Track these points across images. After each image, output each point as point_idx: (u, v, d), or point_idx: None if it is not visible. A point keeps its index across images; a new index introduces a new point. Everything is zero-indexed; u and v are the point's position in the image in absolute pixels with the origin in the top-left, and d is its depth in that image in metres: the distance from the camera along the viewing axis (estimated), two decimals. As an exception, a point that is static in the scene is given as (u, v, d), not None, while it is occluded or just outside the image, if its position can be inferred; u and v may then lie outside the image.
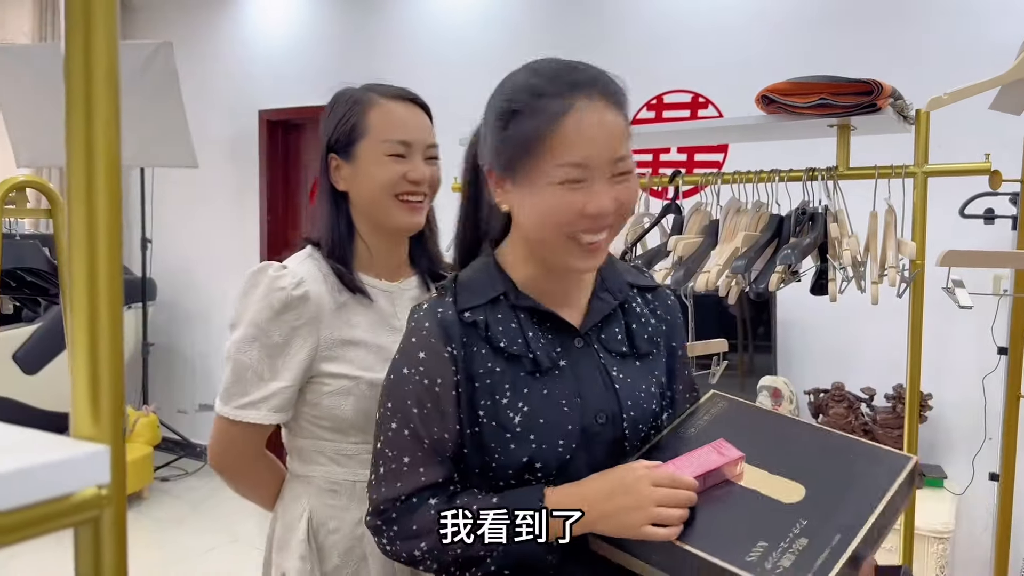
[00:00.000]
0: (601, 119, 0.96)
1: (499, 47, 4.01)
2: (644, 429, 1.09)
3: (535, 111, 0.96)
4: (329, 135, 1.35)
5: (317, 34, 4.59)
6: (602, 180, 0.97)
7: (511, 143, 0.99)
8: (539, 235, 1.00)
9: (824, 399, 3.21)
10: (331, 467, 1.33)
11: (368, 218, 1.35)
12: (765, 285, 1.71)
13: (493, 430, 1.02)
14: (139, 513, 4.26)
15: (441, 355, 1.02)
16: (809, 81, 1.68)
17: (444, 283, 1.10)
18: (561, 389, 1.04)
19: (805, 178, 1.83)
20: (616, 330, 1.11)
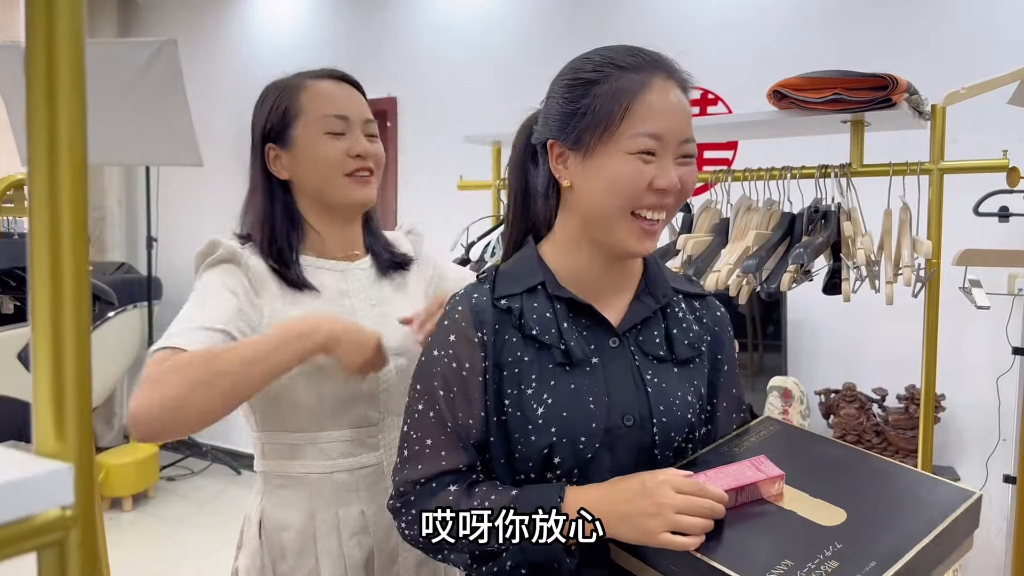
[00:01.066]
0: (679, 100, 1.00)
1: (505, 45, 3.97)
2: (677, 439, 1.05)
3: (615, 83, 0.98)
4: (262, 125, 1.32)
5: (323, 31, 4.56)
6: (670, 157, 0.99)
7: (587, 111, 0.99)
8: (602, 208, 1.00)
9: (835, 400, 3.16)
10: (282, 461, 1.29)
11: (317, 201, 1.32)
12: (777, 285, 1.68)
13: (517, 420, 1.00)
14: (145, 512, 4.25)
15: (471, 340, 1.02)
16: (822, 76, 1.64)
17: (485, 271, 1.10)
18: (589, 386, 1.02)
19: (818, 175, 1.79)
20: (655, 333, 1.08)
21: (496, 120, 3.41)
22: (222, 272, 1.23)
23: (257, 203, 1.33)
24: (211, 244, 1.27)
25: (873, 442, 3.10)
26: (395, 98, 4.30)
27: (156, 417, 1.04)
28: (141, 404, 1.04)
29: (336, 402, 1.26)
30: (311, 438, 1.28)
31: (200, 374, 1.06)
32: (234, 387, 1.08)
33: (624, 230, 1.00)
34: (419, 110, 4.23)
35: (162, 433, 1.05)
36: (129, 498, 4.24)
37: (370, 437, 1.31)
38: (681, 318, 1.11)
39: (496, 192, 2.36)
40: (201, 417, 1.07)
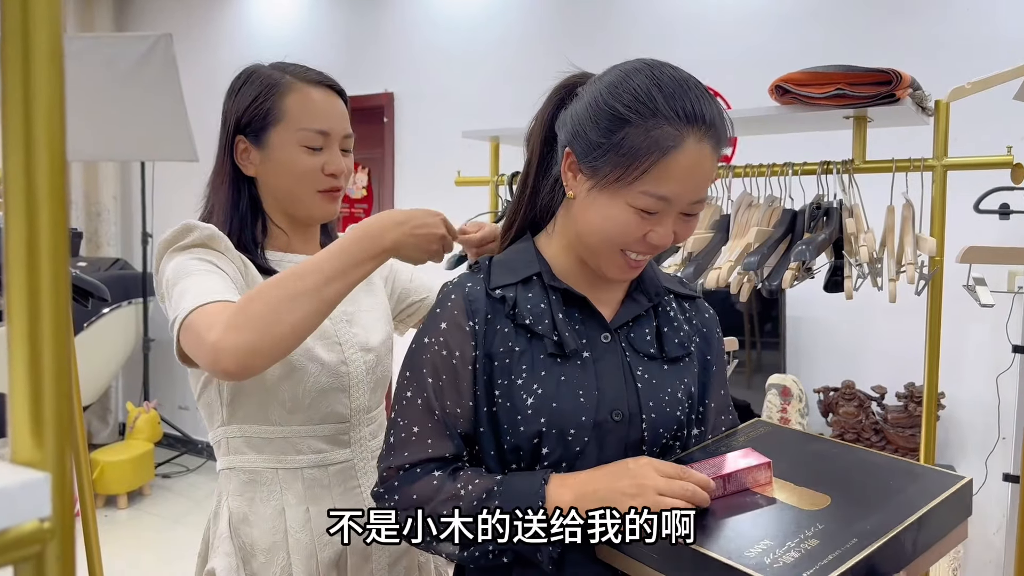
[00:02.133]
0: (702, 164, 0.96)
1: (503, 40, 3.95)
2: (666, 435, 1.06)
3: (647, 132, 0.94)
4: (237, 114, 1.26)
5: (320, 26, 4.54)
6: (673, 215, 0.98)
7: (611, 150, 0.96)
8: (590, 240, 1.01)
9: (834, 398, 3.15)
10: (250, 455, 1.27)
11: (280, 207, 1.30)
12: (778, 282, 1.66)
13: (507, 410, 1.00)
14: (140, 510, 4.23)
15: (462, 328, 1.02)
16: (826, 71, 1.62)
17: (479, 261, 1.10)
18: (580, 378, 1.02)
19: (820, 172, 1.77)
20: (646, 331, 1.09)
21: (493, 115, 3.40)
22: (202, 252, 1.18)
23: (222, 193, 1.29)
24: (184, 228, 1.20)
25: (872, 440, 3.09)
26: (392, 93, 4.28)
27: (248, 340, 0.97)
28: (225, 331, 0.97)
29: (310, 396, 1.25)
30: (282, 432, 1.26)
31: (291, 290, 1.01)
32: (332, 297, 1.03)
33: (608, 262, 1.02)
34: (416, 106, 4.20)
35: (253, 358, 0.97)
36: (124, 496, 4.22)
37: (341, 434, 1.30)
38: (672, 317, 1.11)
39: (494, 188, 2.33)
40: (296, 331, 1.00)
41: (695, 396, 1.10)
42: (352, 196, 4.62)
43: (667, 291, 1.13)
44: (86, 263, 4.64)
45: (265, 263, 1.27)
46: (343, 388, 1.28)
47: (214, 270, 1.15)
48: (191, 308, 1.05)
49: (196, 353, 1.03)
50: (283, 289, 1.02)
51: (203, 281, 1.10)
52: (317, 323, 1.04)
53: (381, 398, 1.38)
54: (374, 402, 1.34)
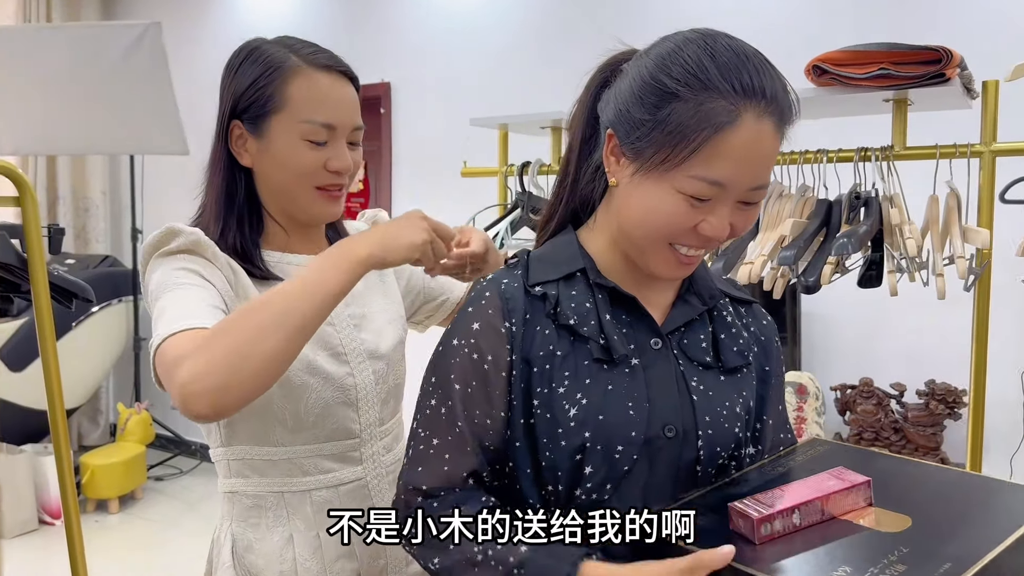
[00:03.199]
0: (762, 143, 0.84)
1: (507, 23, 3.82)
2: (723, 455, 0.94)
3: (697, 107, 0.83)
4: (236, 97, 1.13)
5: (313, 13, 4.41)
6: (730, 203, 0.87)
7: (655, 128, 0.85)
8: (634, 232, 0.90)
9: (851, 396, 3.05)
10: (254, 478, 1.15)
11: (277, 203, 1.17)
12: (815, 278, 1.54)
13: (546, 423, 0.90)
14: (131, 515, 4.11)
15: (497, 330, 0.91)
16: (868, 49, 1.50)
17: (516, 256, 0.99)
18: (629, 388, 0.90)
19: (857, 159, 1.65)
20: (701, 337, 0.97)
21: (498, 102, 3.27)
22: (187, 261, 1.06)
23: (216, 184, 1.16)
24: (168, 232, 1.08)
25: (892, 439, 2.99)
26: (389, 83, 4.15)
27: (217, 381, 0.86)
28: (192, 372, 0.86)
29: (313, 413, 1.13)
30: (286, 453, 1.14)
31: (257, 320, 0.89)
32: (302, 322, 0.91)
33: (655, 257, 0.91)
34: (415, 96, 4.08)
35: (224, 398, 0.87)
36: (115, 500, 4.10)
37: (351, 451, 1.17)
38: (729, 323, 1.00)
39: (503, 179, 2.21)
40: (268, 366, 0.89)
41: (752, 411, 0.99)
42: (349, 190, 4.49)
43: (722, 294, 1.02)
44: (74, 260, 4.51)
45: (262, 265, 1.14)
46: (350, 402, 1.16)
47: (198, 283, 1.03)
48: (164, 336, 0.93)
49: (168, 388, 0.92)
50: (251, 318, 0.90)
51: (181, 299, 0.99)
52: (295, 350, 0.92)
53: (395, 408, 1.26)
54: (386, 414, 1.22)
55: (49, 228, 1.65)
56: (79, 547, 1.93)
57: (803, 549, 0.80)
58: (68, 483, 1.83)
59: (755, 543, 0.81)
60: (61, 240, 1.63)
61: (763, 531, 0.81)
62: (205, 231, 1.11)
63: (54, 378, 1.64)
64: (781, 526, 0.82)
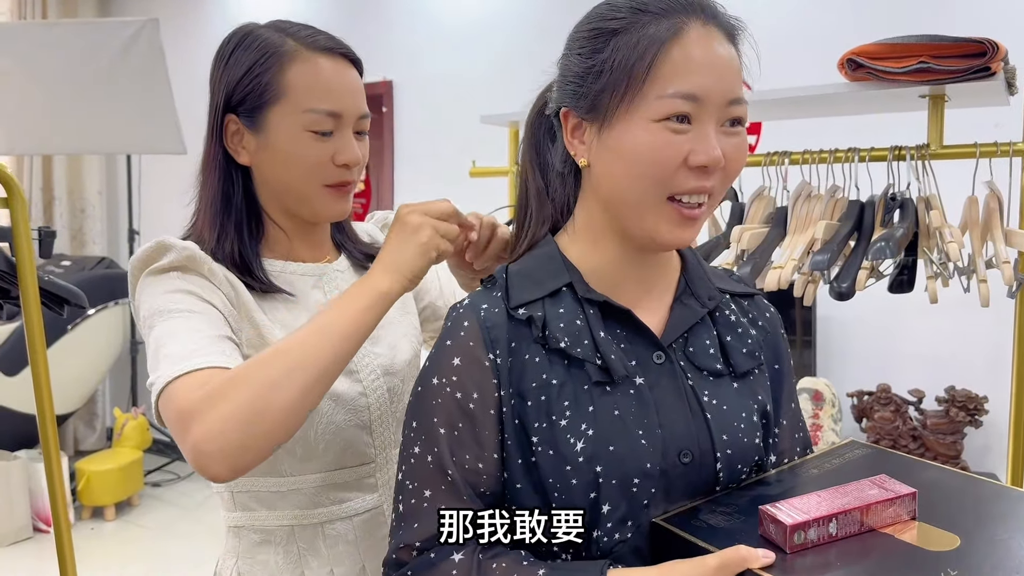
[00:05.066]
0: (717, 49, 0.80)
1: (513, 17, 3.73)
2: (744, 471, 0.86)
3: (639, 32, 0.80)
4: (229, 89, 1.03)
5: (312, 9, 4.32)
6: (712, 123, 0.80)
7: (602, 71, 0.81)
8: (626, 194, 0.82)
9: (868, 402, 2.97)
10: (261, 511, 1.06)
11: (280, 204, 1.07)
12: (849, 283, 1.46)
13: (551, 461, 0.81)
14: (128, 522, 4.02)
15: (480, 363, 0.83)
16: (907, 42, 1.42)
17: (493, 274, 0.90)
18: (637, 413, 0.82)
19: (891, 158, 1.56)
20: (707, 342, 0.88)
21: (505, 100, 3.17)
22: (180, 280, 0.97)
23: (210, 187, 1.06)
24: (159, 247, 0.98)
25: (910, 447, 2.91)
26: (391, 81, 4.06)
27: (232, 441, 0.80)
28: (205, 432, 0.80)
29: (324, 439, 1.03)
30: (295, 483, 1.05)
31: (272, 372, 0.83)
32: (321, 371, 0.85)
33: (655, 216, 0.82)
34: (418, 94, 3.99)
35: (242, 458, 0.81)
36: (112, 507, 4.01)
37: (366, 477, 1.09)
38: (734, 322, 0.91)
39: (514, 179, 2.13)
40: (286, 420, 0.83)
41: (770, 415, 0.91)
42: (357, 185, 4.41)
43: (720, 291, 0.93)
44: (70, 262, 4.42)
45: (263, 277, 1.04)
46: (364, 424, 1.07)
47: (197, 308, 0.94)
48: (168, 379, 0.85)
49: (179, 444, 0.84)
50: (265, 370, 0.84)
51: (182, 332, 0.90)
52: (314, 401, 0.86)
53: None
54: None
55: (40, 231, 1.57)
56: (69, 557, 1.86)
57: (839, 563, 0.73)
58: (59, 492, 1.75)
59: (786, 551, 0.74)
60: (52, 243, 1.54)
61: (796, 539, 0.74)
62: (199, 240, 1.02)
63: (44, 385, 1.57)
64: (816, 535, 0.75)
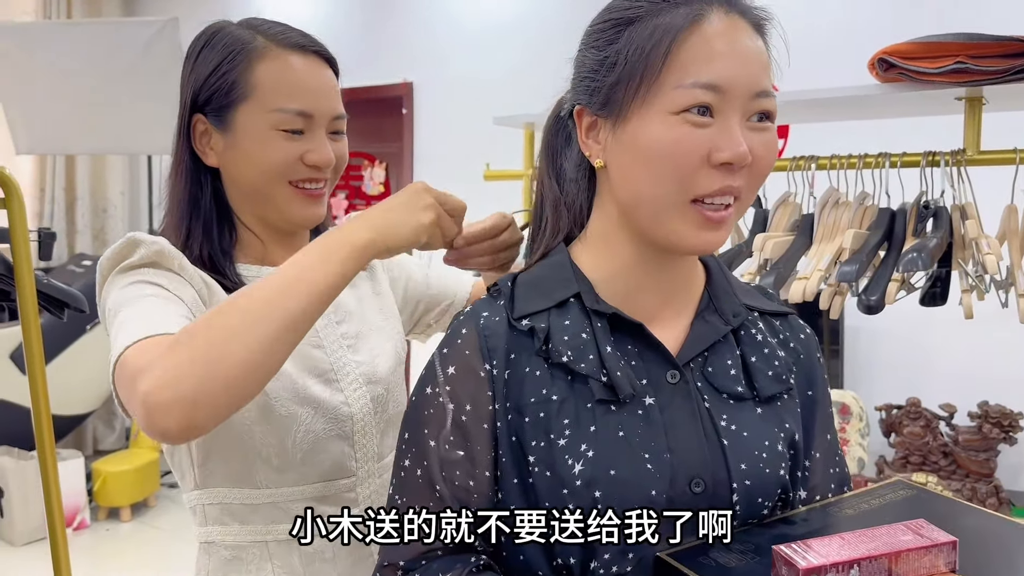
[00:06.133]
0: (741, 37, 0.74)
1: (533, 17, 3.68)
2: (766, 505, 0.79)
3: (658, 15, 0.74)
4: (196, 88, 0.99)
5: (333, 11, 4.31)
6: (737, 116, 0.74)
7: (616, 62, 0.76)
8: (646, 194, 0.76)
9: (897, 416, 2.88)
10: (233, 526, 1.00)
11: (250, 207, 1.02)
12: (879, 296, 1.38)
13: (547, 483, 0.75)
14: (144, 523, 4.01)
15: (476, 373, 0.78)
16: (943, 40, 1.34)
17: (498, 283, 0.84)
18: (644, 436, 0.75)
19: (924, 164, 1.48)
20: (728, 362, 0.81)
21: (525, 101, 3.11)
22: (150, 274, 0.92)
23: (178, 189, 1.02)
24: (129, 243, 0.94)
25: (940, 464, 2.82)
26: (411, 83, 4.02)
27: (184, 391, 0.71)
28: (155, 382, 0.72)
29: (302, 448, 0.98)
30: (270, 496, 0.99)
31: (232, 320, 0.75)
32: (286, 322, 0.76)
33: (678, 220, 0.76)
34: (437, 95, 3.95)
35: (194, 412, 0.72)
36: (127, 508, 4.00)
37: (346, 491, 1.03)
38: (761, 342, 0.84)
39: (529, 182, 2.07)
40: (244, 374, 0.74)
41: (799, 446, 0.83)
42: (369, 193, 4.37)
43: (748, 308, 0.86)
44: (91, 261, 4.43)
45: (236, 280, 0.99)
46: (345, 435, 1.02)
47: (163, 295, 0.88)
48: (125, 346, 0.79)
49: (129, 406, 0.78)
50: (224, 318, 0.75)
51: (145, 309, 0.84)
52: (278, 357, 0.77)
53: (396, 440, 1.11)
54: (386, 447, 1.08)
55: (39, 232, 1.53)
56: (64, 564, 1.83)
57: None
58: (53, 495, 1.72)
59: None
60: (52, 245, 1.50)
61: None
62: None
63: (40, 387, 1.53)
64: None
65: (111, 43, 3.86)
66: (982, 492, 2.68)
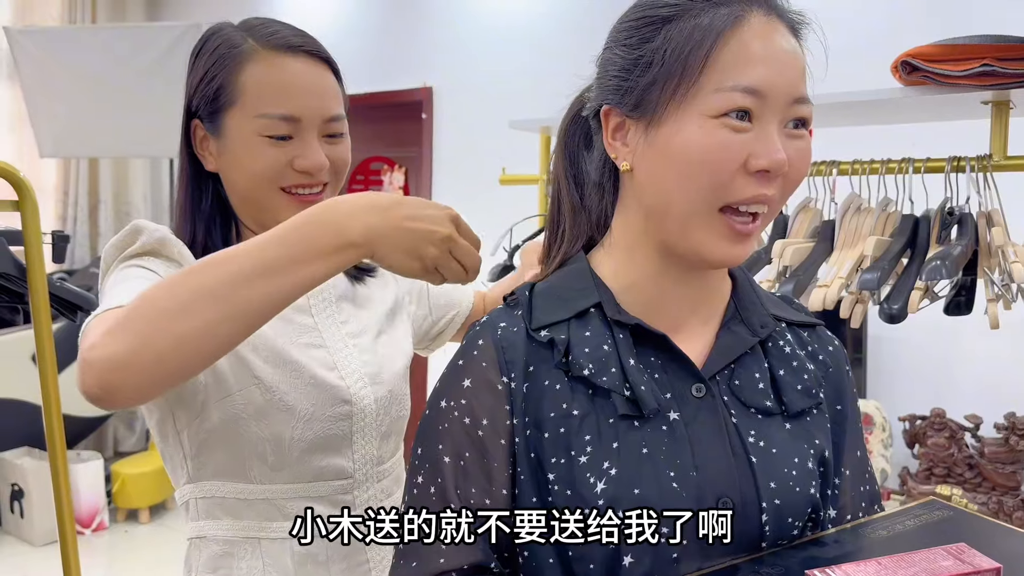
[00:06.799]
0: (781, 42, 0.72)
1: (549, 26, 3.66)
2: (797, 525, 0.75)
3: (694, 19, 0.72)
4: (191, 93, 0.99)
5: (354, 17, 4.31)
6: (776, 122, 0.71)
7: (652, 61, 0.73)
8: (675, 201, 0.73)
9: (921, 427, 2.83)
10: (225, 520, 0.98)
11: (247, 212, 1.01)
12: (901, 305, 1.34)
13: (567, 503, 0.72)
14: (162, 525, 4.02)
15: (493, 386, 0.75)
16: (969, 43, 1.30)
17: (516, 291, 0.81)
18: (669, 453, 0.72)
19: (948, 169, 1.45)
20: (756, 375, 0.78)
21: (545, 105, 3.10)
22: (151, 262, 0.92)
23: (181, 193, 1.02)
24: (132, 231, 0.94)
25: (965, 476, 2.76)
26: (431, 88, 4.02)
27: (114, 352, 0.69)
28: (94, 339, 0.71)
29: (299, 447, 0.97)
30: (264, 492, 0.98)
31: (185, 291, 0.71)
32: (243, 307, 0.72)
33: (705, 230, 0.73)
34: (457, 100, 3.94)
35: (117, 374, 0.69)
36: (146, 510, 4.02)
37: (342, 493, 1.01)
38: (789, 354, 0.81)
39: (544, 187, 2.04)
40: (180, 350, 0.70)
41: (830, 463, 0.80)
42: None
43: (776, 319, 0.82)
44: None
45: None
46: (344, 435, 1.00)
47: (152, 279, 0.87)
48: (94, 316, 0.77)
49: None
50: (182, 288, 0.72)
51: (127, 288, 0.82)
52: (224, 341, 0.74)
53: (397, 445, 1.10)
54: (386, 451, 1.06)
55: (53, 235, 1.53)
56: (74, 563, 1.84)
57: None
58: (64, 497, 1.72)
59: None
60: (65, 248, 1.51)
61: None
62: None
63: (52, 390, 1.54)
64: None
65: (134, 47, 3.89)
66: (1008, 506, 2.62)
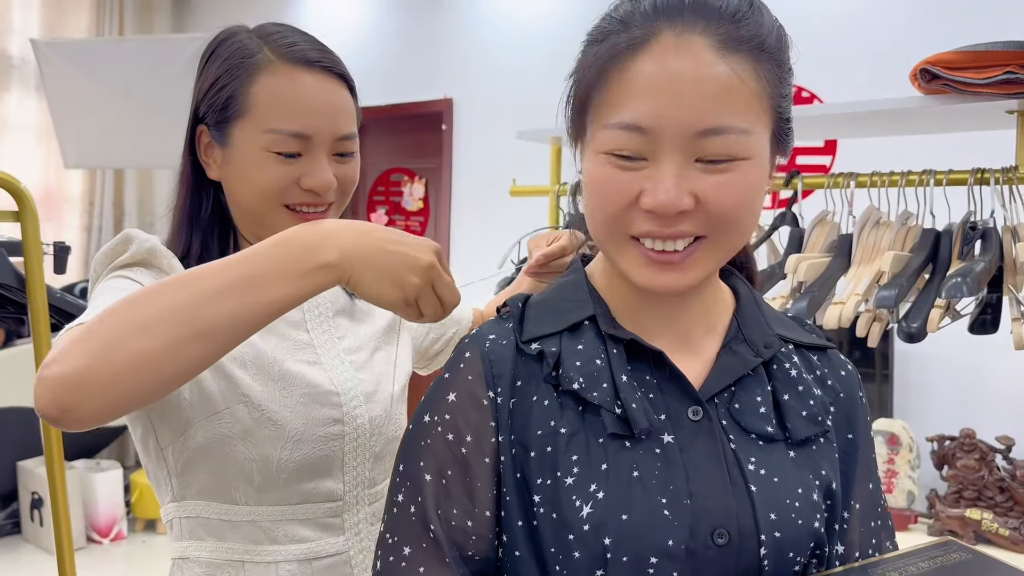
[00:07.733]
0: (687, 65, 0.65)
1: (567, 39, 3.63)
2: (799, 560, 0.70)
3: (608, 39, 0.69)
4: (199, 98, 0.96)
5: (376, 29, 4.33)
6: (672, 159, 0.66)
7: (571, 89, 0.73)
8: (593, 228, 0.73)
9: (950, 448, 2.74)
10: (209, 541, 0.95)
11: (248, 224, 0.98)
12: (920, 323, 1.28)
13: (553, 526, 0.69)
14: (179, 536, 4.03)
15: (478, 401, 0.72)
16: (991, 49, 1.25)
17: (509, 302, 0.78)
18: (662, 477, 0.68)
19: (971, 181, 1.38)
20: (757, 399, 0.73)
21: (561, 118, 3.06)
22: (139, 273, 0.89)
23: (179, 199, 0.99)
24: (123, 240, 0.91)
25: (996, 500, 2.67)
26: (451, 99, 4.01)
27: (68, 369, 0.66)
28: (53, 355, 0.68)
29: (287, 468, 0.93)
30: (250, 513, 0.94)
31: (147, 310, 0.68)
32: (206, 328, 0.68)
33: (624, 257, 0.71)
34: (477, 111, 3.94)
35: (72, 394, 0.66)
36: (164, 520, 4.03)
37: (331, 516, 0.97)
38: (795, 378, 0.75)
39: (555, 199, 2.00)
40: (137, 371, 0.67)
41: (837, 495, 0.74)
42: (408, 208, 4.35)
43: (782, 340, 0.77)
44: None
45: None
46: (335, 456, 0.97)
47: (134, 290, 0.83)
48: (65, 329, 0.74)
49: None
50: (146, 306, 0.69)
51: (105, 301, 0.78)
52: (192, 361, 0.70)
53: (390, 467, 1.06)
54: (379, 473, 1.02)
55: (54, 246, 1.52)
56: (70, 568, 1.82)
57: None
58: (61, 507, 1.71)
59: None
60: (66, 259, 1.49)
61: None
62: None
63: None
64: None
65: (159, 59, 3.93)
66: (1041, 532, 2.52)
